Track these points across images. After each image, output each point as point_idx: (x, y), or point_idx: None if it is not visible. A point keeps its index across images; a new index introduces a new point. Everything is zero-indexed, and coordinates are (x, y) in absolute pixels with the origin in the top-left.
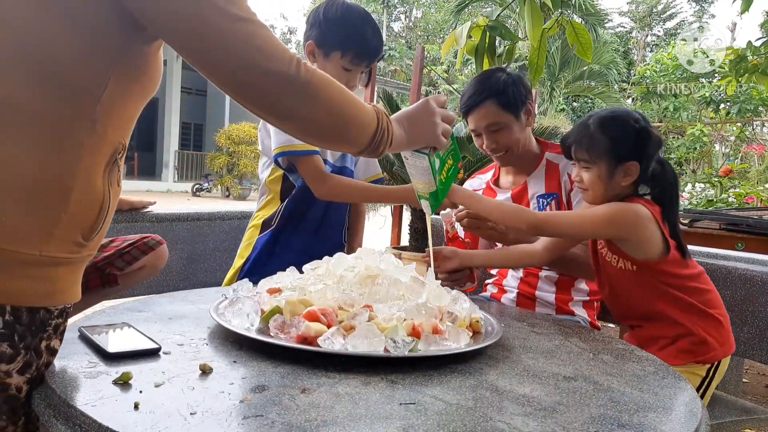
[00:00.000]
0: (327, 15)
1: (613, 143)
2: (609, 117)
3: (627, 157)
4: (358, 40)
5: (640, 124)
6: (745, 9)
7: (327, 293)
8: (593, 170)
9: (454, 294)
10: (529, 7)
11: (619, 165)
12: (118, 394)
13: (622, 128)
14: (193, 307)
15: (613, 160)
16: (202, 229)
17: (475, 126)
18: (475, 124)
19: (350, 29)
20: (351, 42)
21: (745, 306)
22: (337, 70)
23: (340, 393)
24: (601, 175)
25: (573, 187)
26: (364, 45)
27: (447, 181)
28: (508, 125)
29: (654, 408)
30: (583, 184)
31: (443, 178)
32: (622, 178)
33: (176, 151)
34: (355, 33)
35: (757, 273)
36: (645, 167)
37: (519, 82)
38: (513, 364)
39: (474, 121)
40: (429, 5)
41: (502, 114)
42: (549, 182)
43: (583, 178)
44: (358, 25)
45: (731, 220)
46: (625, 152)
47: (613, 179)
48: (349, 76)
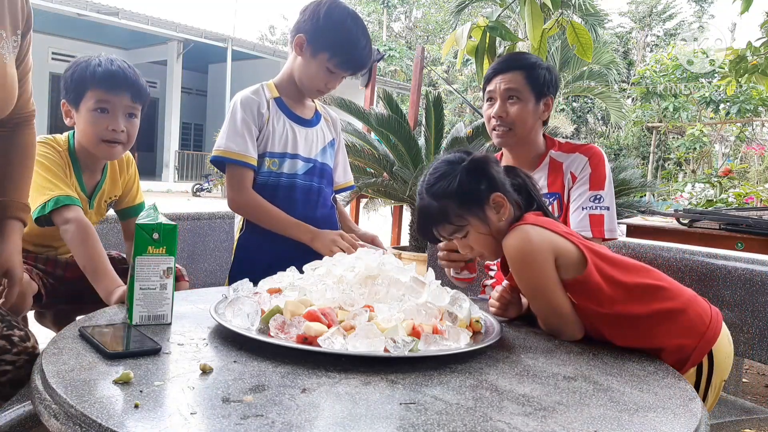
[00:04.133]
0: (328, 15)
1: (461, 195)
2: (435, 180)
3: (482, 197)
4: (350, 49)
5: (465, 161)
6: (745, 9)
7: (327, 293)
8: (470, 233)
9: (454, 294)
10: (529, 7)
11: (482, 208)
12: (118, 394)
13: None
14: (193, 307)
15: (475, 208)
16: (202, 229)
17: (493, 88)
18: (495, 86)
19: (345, 36)
20: (342, 49)
21: (745, 306)
22: (320, 72)
23: (340, 393)
24: (480, 230)
25: (574, 184)
26: (355, 55)
27: None
28: (525, 101)
29: (654, 408)
30: (473, 251)
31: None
32: (495, 215)
33: (176, 151)
34: (349, 42)
35: (757, 273)
36: (504, 189)
37: (551, 71)
38: (513, 364)
39: (494, 84)
40: (429, 5)
41: (525, 88)
42: (552, 181)
43: (469, 244)
44: (354, 35)
45: (731, 220)
46: (477, 193)
47: (491, 224)
48: (330, 79)
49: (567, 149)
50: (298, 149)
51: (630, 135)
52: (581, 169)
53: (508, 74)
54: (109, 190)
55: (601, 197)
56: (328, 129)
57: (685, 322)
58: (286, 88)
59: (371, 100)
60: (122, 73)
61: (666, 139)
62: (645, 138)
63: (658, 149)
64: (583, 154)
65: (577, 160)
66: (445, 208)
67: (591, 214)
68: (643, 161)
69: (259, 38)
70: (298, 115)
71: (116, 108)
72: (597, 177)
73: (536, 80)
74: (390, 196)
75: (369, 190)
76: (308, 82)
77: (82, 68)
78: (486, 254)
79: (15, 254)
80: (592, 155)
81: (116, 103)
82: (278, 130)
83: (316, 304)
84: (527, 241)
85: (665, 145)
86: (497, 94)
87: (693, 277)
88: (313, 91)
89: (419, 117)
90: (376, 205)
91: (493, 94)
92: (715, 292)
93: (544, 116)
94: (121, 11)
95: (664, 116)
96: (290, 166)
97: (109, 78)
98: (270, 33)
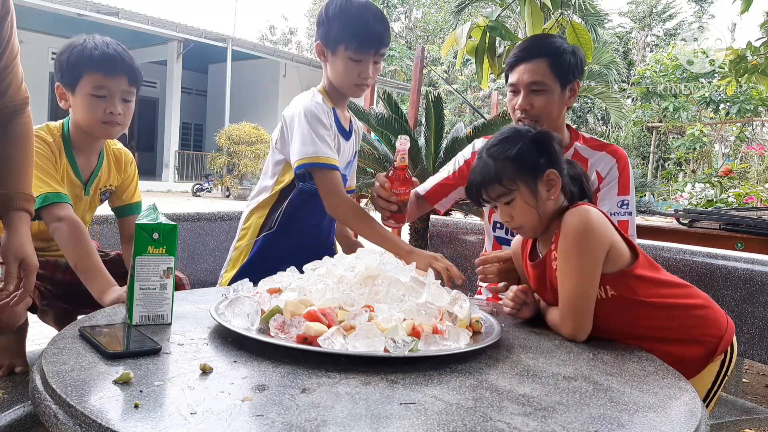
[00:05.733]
0: (328, 12)
1: (520, 160)
2: (500, 140)
3: (539, 168)
4: (359, 27)
5: (532, 132)
6: (745, 9)
7: (327, 293)
8: (516, 200)
9: (454, 294)
10: (529, 7)
11: (537, 180)
12: (118, 394)
13: (518, 143)
14: (193, 307)
15: (528, 177)
16: (202, 229)
17: (516, 80)
18: (518, 78)
19: (350, 19)
20: (352, 31)
21: (745, 306)
22: (345, 64)
23: (340, 393)
24: (526, 200)
25: (600, 186)
26: (366, 30)
27: None
28: (550, 91)
29: (654, 408)
30: (514, 221)
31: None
32: (546, 192)
33: (176, 151)
34: (355, 21)
35: (757, 273)
36: (561, 169)
37: (577, 53)
38: (513, 364)
39: (518, 75)
40: (429, 5)
41: (550, 77)
42: None
43: (512, 215)
44: (357, 13)
45: (731, 220)
46: (535, 164)
47: (539, 198)
48: (359, 68)
49: (593, 145)
50: (339, 162)
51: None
52: (608, 170)
53: (531, 63)
54: (105, 179)
55: (627, 203)
56: (355, 141)
57: (712, 314)
58: (336, 98)
59: (371, 100)
60: (120, 56)
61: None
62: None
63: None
64: (611, 155)
65: (604, 160)
66: (500, 169)
67: (619, 220)
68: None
69: (259, 38)
70: (344, 127)
71: (113, 92)
72: (624, 182)
73: (561, 67)
74: None
75: (369, 190)
76: (343, 81)
77: (78, 51)
78: (525, 227)
79: (26, 244)
80: (619, 158)
81: (113, 88)
82: (333, 142)
83: (316, 304)
84: (590, 221)
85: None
86: (521, 86)
87: (693, 277)
88: (352, 88)
89: (419, 117)
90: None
91: (517, 85)
92: (715, 292)
93: (570, 102)
94: (121, 11)
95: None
96: None
97: (107, 61)
98: (270, 33)
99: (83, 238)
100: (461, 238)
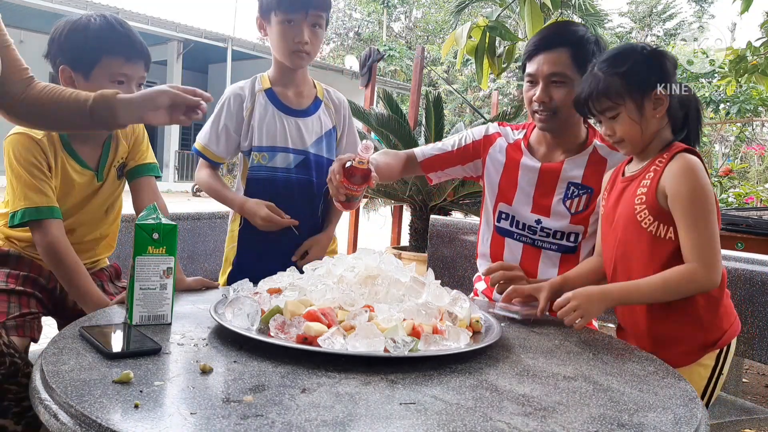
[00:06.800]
0: None
1: (630, 76)
2: (613, 54)
3: (649, 85)
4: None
5: (648, 48)
6: (745, 9)
7: (327, 293)
8: (621, 114)
9: (454, 294)
10: (529, 7)
11: (645, 96)
12: (118, 394)
13: (631, 58)
14: (193, 307)
15: (637, 93)
16: (202, 229)
17: (535, 71)
18: (537, 68)
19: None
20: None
21: (745, 306)
22: (279, 30)
23: (340, 393)
24: (632, 115)
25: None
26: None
27: None
28: (570, 83)
29: (654, 408)
30: (615, 136)
31: None
32: (653, 110)
33: (176, 151)
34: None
35: (757, 273)
36: (671, 90)
37: (600, 44)
38: (513, 364)
39: (536, 65)
40: (429, 5)
41: (571, 68)
42: (589, 174)
43: (615, 129)
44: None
45: (731, 220)
46: (645, 80)
47: (645, 114)
48: (292, 31)
49: (610, 145)
50: (288, 141)
51: None
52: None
53: (551, 53)
54: (114, 156)
55: None
56: (328, 117)
57: (727, 306)
58: (278, 78)
59: (371, 100)
60: (138, 41)
61: None
62: None
63: None
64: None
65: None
66: (610, 81)
67: None
68: None
69: (259, 38)
70: (288, 105)
71: (132, 79)
72: None
73: (583, 58)
74: (390, 196)
75: (369, 190)
76: (281, 50)
77: (93, 33)
78: (626, 142)
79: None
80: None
81: (132, 75)
82: (266, 123)
83: (316, 304)
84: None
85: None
86: (539, 77)
87: None
88: (290, 56)
89: (419, 117)
90: (376, 205)
91: (535, 76)
92: None
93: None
94: (121, 11)
95: None
96: (282, 159)
97: (128, 47)
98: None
99: (64, 262)
100: (461, 238)
